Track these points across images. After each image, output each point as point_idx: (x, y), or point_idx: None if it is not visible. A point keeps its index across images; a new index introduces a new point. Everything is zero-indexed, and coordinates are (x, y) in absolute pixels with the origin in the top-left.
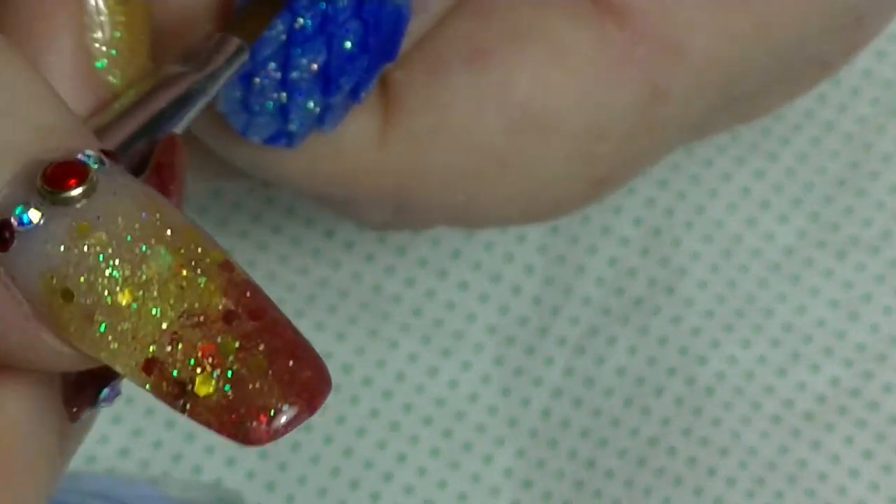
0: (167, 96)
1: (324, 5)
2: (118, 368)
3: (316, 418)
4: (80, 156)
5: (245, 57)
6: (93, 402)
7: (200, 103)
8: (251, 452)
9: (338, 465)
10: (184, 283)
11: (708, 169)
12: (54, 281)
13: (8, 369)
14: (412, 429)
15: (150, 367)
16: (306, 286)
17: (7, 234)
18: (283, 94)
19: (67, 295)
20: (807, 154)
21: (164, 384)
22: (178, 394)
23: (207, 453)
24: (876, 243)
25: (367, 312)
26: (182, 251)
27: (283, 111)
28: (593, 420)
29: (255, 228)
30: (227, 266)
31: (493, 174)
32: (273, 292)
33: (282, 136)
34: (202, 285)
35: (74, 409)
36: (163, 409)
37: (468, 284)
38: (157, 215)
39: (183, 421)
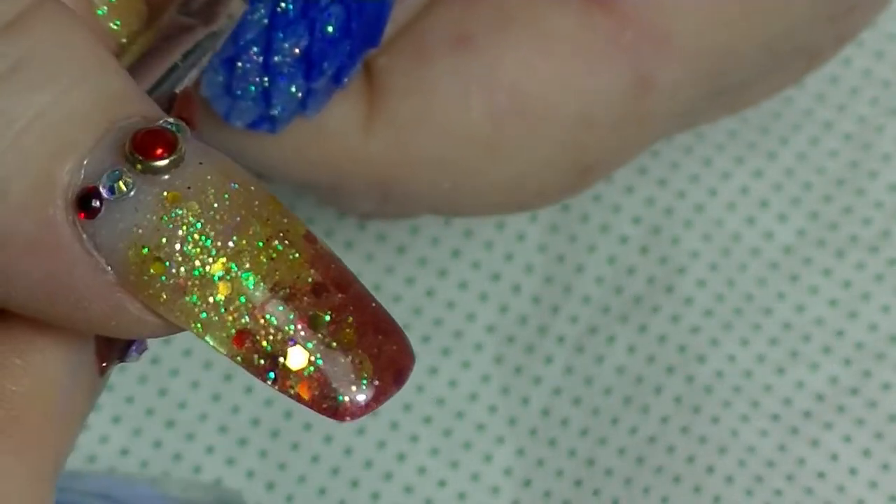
0: (178, 50)
1: None
2: (208, 340)
3: (316, 418)
4: (163, 123)
5: (247, 6)
6: (122, 356)
7: (207, 57)
8: (251, 452)
9: (338, 465)
10: (274, 255)
11: (707, 168)
12: (145, 251)
13: (48, 325)
14: (412, 428)
15: (242, 339)
16: None
17: (96, 203)
18: (266, 79)
19: (158, 265)
20: (806, 153)
21: (256, 357)
22: (269, 367)
23: (207, 453)
24: (875, 242)
25: None
26: (270, 222)
27: (265, 95)
28: (592, 419)
29: None
30: (310, 238)
31: (478, 160)
32: None
33: (264, 121)
34: (292, 257)
35: (104, 364)
36: (163, 409)
37: (468, 284)
38: (244, 185)
39: (183, 421)
